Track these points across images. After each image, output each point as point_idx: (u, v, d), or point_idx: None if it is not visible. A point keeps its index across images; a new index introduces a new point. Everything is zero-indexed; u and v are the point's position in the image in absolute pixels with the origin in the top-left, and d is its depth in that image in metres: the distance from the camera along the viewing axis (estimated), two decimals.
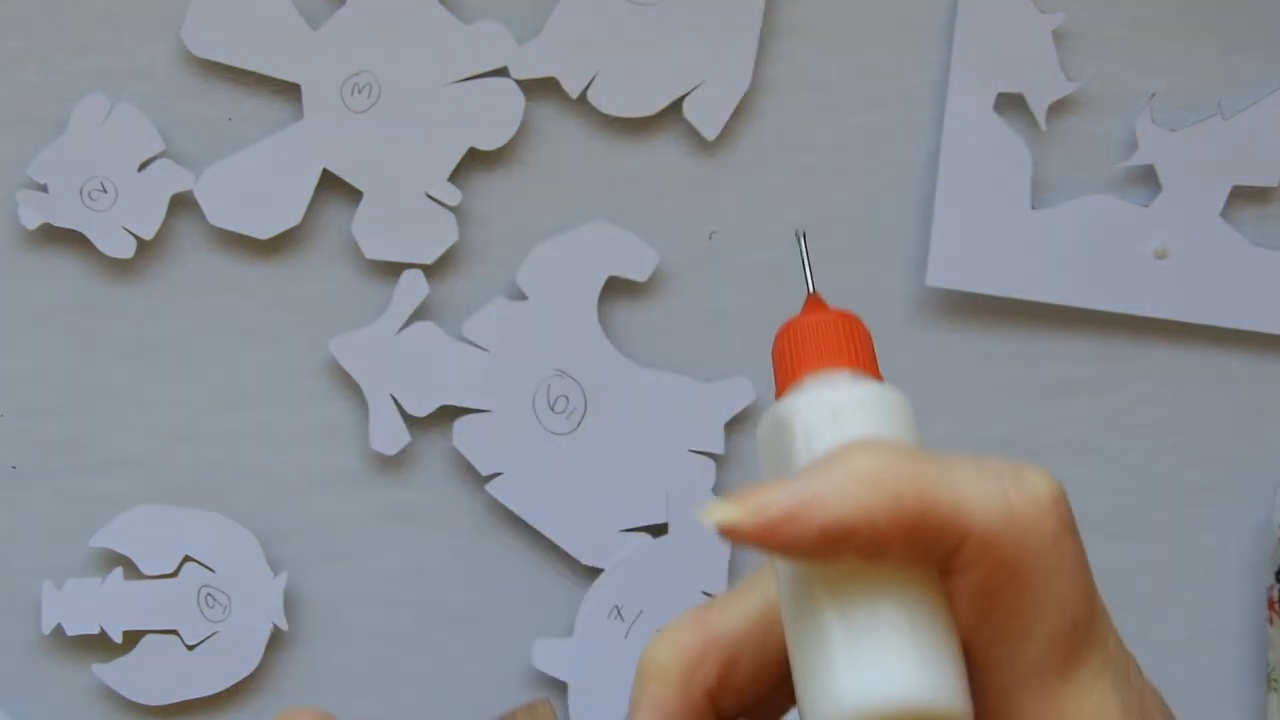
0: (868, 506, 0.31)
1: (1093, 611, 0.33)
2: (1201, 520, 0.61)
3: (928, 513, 0.31)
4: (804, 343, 0.35)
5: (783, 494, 0.31)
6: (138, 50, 0.59)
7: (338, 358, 0.59)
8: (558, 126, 0.59)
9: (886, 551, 0.31)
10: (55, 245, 0.59)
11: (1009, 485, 0.32)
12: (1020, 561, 0.31)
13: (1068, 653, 0.32)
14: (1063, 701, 0.32)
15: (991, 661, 0.32)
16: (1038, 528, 0.32)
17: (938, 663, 0.31)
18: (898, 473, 0.31)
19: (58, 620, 0.58)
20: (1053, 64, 0.59)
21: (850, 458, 0.32)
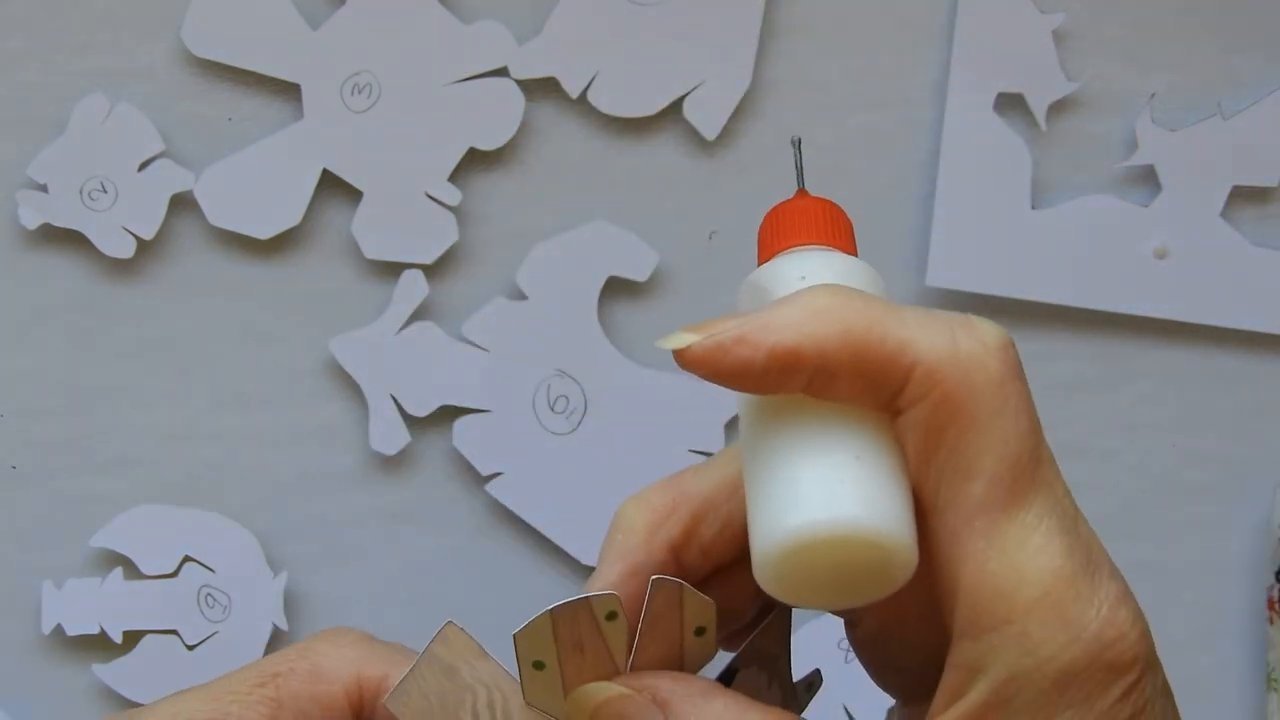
0: (816, 335, 0.32)
1: (1038, 454, 0.33)
2: (1201, 520, 0.61)
3: (874, 345, 0.32)
4: (785, 223, 0.37)
5: (737, 321, 0.33)
6: (138, 50, 0.59)
7: (338, 358, 0.59)
8: (558, 126, 0.59)
9: (835, 381, 0.33)
10: (55, 245, 0.59)
11: (957, 328, 0.33)
12: (965, 397, 0.32)
13: (1012, 491, 0.33)
14: (1006, 539, 0.32)
15: (940, 502, 0.33)
16: (983, 367, 0.33)
17: (883, 496, 0.32)
18: (848, 308, 0.33)
19: (58, 620, 0.58)
20: (1053, 64, 0.59)
21: (806, 295, 0.33)
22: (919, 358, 0.32)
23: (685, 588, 0.36)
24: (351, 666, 0.38)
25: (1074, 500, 0.34)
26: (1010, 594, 0.32)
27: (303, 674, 0.38)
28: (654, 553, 0.37)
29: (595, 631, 0.36)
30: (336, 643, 0.39)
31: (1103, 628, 0.32)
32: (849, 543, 0.32)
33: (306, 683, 0.38)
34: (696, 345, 0.33)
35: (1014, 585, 0.32)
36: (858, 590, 0.33)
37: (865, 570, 0.32)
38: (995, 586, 0.32)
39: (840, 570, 0.32)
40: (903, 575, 0.33)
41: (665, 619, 0.36)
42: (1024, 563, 0.32)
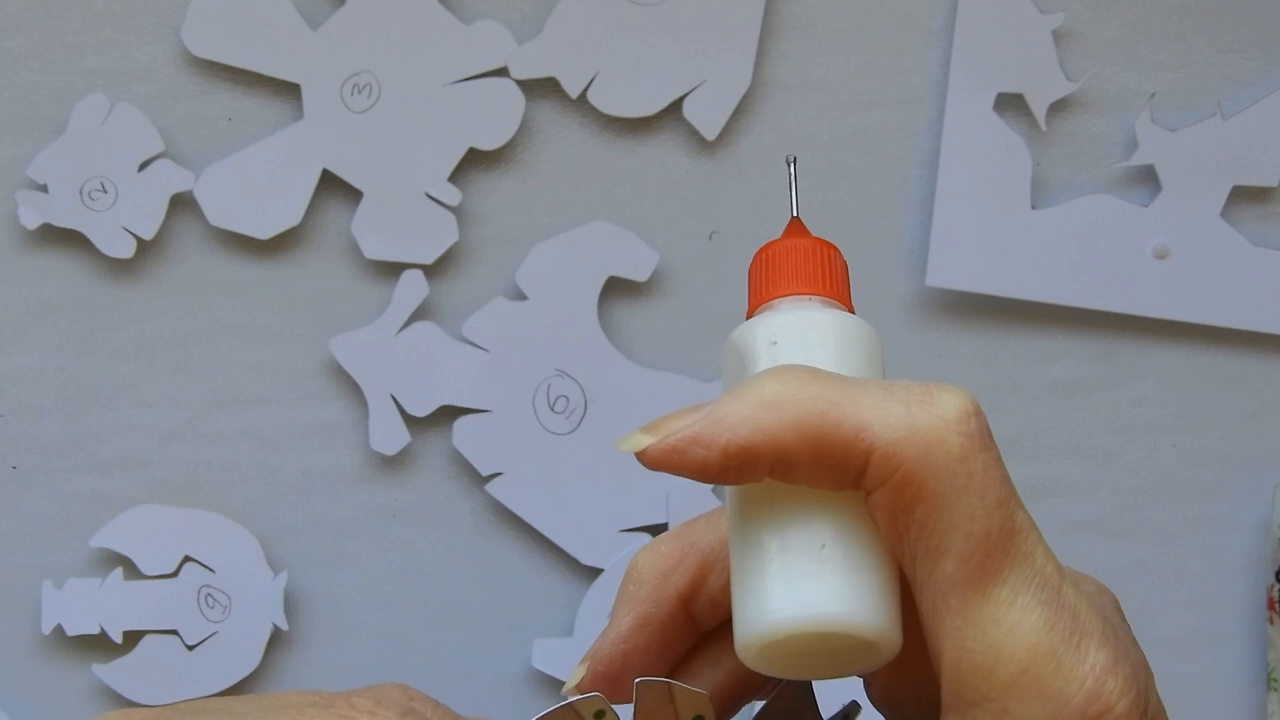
0: (769, 429, 0.32)
1: (1010, 526, 0.32)
2: (1201, 520, 0.61)
3: (829, 432, 0.32)
4: (776, 266, 0.36)
5: (690, 419, 0.33)
6: (138, 51, 0.59)
7: (338, 358, 0.59)
8: (558, 126, 0.59)
9: (795, 472, 0.32)
10: (55, 245, 0.59)
11: (915, 403, 0.32)
12: (925, 477, 0.32)
13: (984, 567, 0.32)
14: (981, 616, 0.32)
15: (917, 581, 0.33)
16: (942, 443, 0.32)
17: (853, 582, 0.32)
18: (800, 395, 0.32)
19: (58, 620, 0.58)
20: (1053, 64, 0.59)
21: (758, 383, 0.33)
22: (875, 442, 0.32)
23: (673, 685, 0.36)
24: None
25: (1058, 565, 0.33)
26: (989, 671, 0.32)
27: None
28: (663, 603, 0.37)
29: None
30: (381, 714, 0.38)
31: (1087, 701, 0.32)
32: (826, 634, 0.32)
33: None
34: (653, 448, 0.33)
35: (992, 662, 0.32)
36: (847, 667, 0.33)
37: (850, 654, 0.33)
38: (974, 664, 0.32)
39: (825, 654, 0.33)
40: (887, 653, 0.33)
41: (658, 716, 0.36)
42: (1000, 639, 0.32)
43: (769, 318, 0.35)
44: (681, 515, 0.59)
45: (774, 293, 0.36)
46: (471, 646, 0.60)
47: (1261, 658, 0.61)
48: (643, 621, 0.37)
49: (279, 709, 0.38)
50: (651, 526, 0.59)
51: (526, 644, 0.60)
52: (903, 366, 0.59)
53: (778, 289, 0.36)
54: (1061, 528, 0.60)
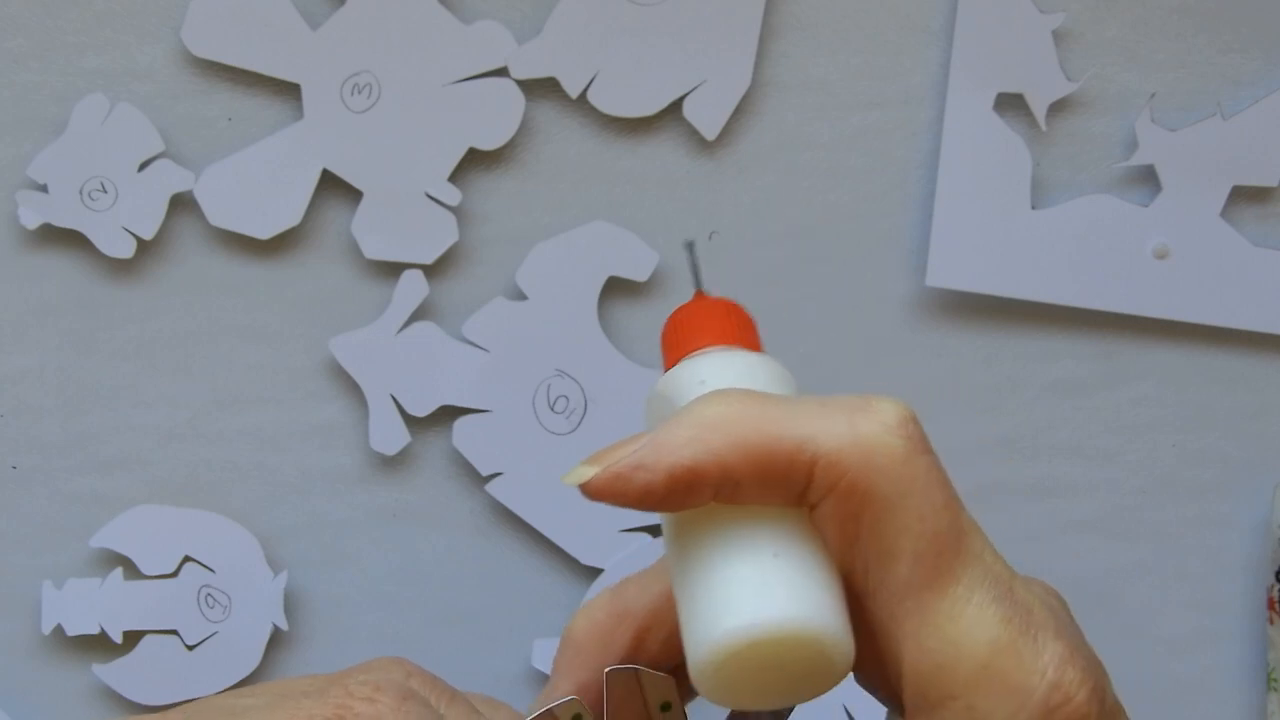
0: (712, 448, 0.32)
1: (958, 527, 0.33)
2: (1201, 520, 0.61)
3: (770, 447, 0.32)
4: (685, 327, 0.37)
5: (632, 447, 0.33)
6: (138, 50, 0.59)
7: (338, 358, 0.59)
8: (558, 126, 0.59)
9: (740, 491, 0.33)
10: (55, 245, 0.59)
11: (854, 412, 0.33)
12: (871, 482, 0.32)
13: (937, 567, 0.33)
14: (939, 615, 0.32)
15: (869, 588, 0.33)
16: (885, 448, 0.32)
17: (808, 591, 0.32)
18: (742, 414, 0.33)
19: (58, 620, 0.58)
20: (1053, 64, 0.59)
21: (697, 407, 0.33)
22: (818, 452, 0.32)
23: (640, 671, 0.36)
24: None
25: (1006, 564, 0.34)
26: (951, 669, 0.32)
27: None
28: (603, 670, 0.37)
29: None
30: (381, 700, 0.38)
31: (1049, 692, 0.32)
32: (779, 642, 0.32)
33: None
34: (595, 479, 0.33)
35: (954, 660, 0.32)
36: (801, 687, 0.33)
37: (803, 666, 0.32)
38: (935, 664, 0.32)
39: (778, 670, 0.32)
40: (842, 667, 0.33)
41: (628, 706, 0.36)
42: (960, 637, 0.32)
43: (692, 362, 0.36)
44: None
45: (690, 348, 0.37)
46: (471, 646, 0.60)
47: (1261, 658, 0.61)
48: (583, 687, 0.37)
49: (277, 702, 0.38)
50: (651, 527, 0.59)
51: (526, 644, 0.60)
52: (902, 366, 0.59)
53: (693, 344, 0.37)
54: (1061, 528, 0.61)
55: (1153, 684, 0.61)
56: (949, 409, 0.60)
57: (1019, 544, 0.60)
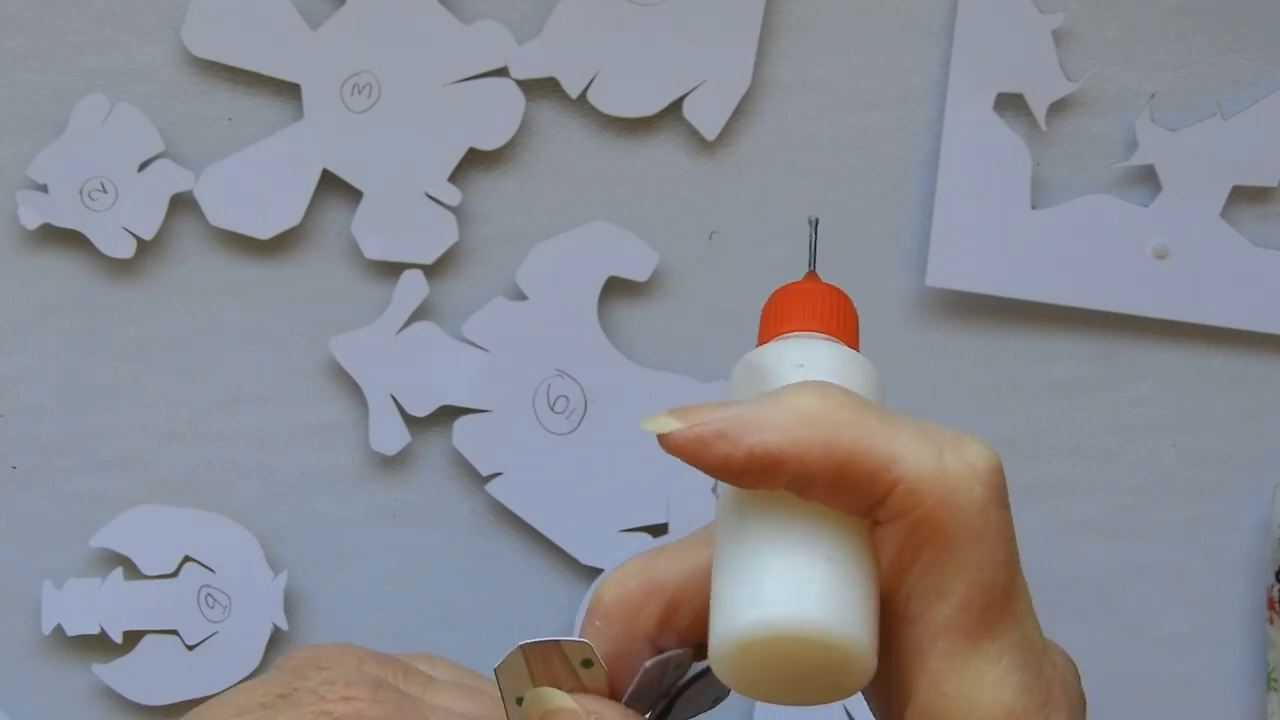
0: (799, 441, 0.32)
1: (1013, 587, 0.33)
2: (1202, 520, 0.61)
3: (858, 458, 0.32)
4: (792, 305, 0.37)
5: (722, 413, 0.33)
6: (138, 50, 0.59)
7: (338, 358, 0.59)
8: (558, 126, 0.59)
9: (812, 488, 0.32)
10: (55, 245, 0.59)
11: (946, 447, 0.33)
12: (946, 520, 0.32)
13: (981, 619, 0.32)
14: (966, 666, 0.32)
15: (908, 616, 0.33)
16: (968, 491, 0.32)
17: (849, 601, 0.32)
18: (836, 416, 0.32)
19: (58, 620, 0.58)
20: (1053, 64, 0.59)
21: (796, 394, 0.33)
22: (902, 476, 0.32)
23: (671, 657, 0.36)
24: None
25: (1043, 635, 0.34)
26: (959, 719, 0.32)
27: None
28: (631, 642, 0.37)
29: (572, 675, 0.36)
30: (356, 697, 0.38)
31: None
32: (808, 643, 0.32)
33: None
34: (678, 434, 0.33)
35: (965, 713, 0.32)
36: (812, 690, 0.33)
37: (821, 672, 0.32)
38: (946, 710, 0.32)
39: (796, 669, 0.32)
40: (859, 682, 0.32)
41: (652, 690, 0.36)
42: (978, 693, 0.32)
43: (795, 342, 0.36)
44: (681, 517, 0.59)
45: (792, 326, 0.36)
46: (471, 646, 0.60)
47: (1261, 658, 0.61)
48: (609, 660, 0.37)
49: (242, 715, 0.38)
50: (652, 527, 0.59)
51: None
52: (903, 367, 0.59)
53: (796, 324, 0.36)
54: (1061, 528, 0.61)
55: (1153, 684, 0.61)
56: (949, 409, 0.60)
57: (1019, 544, 0.59)
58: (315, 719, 0.38)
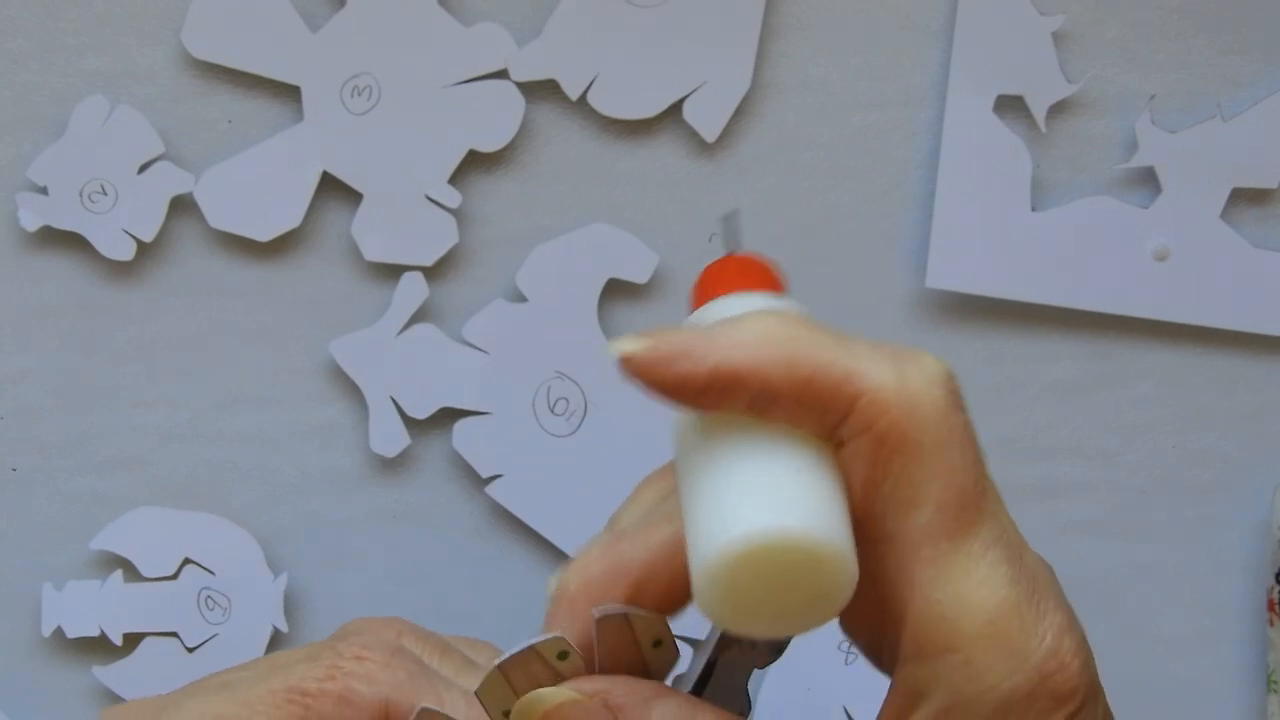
0: (761, 357, 0.32)
1: (982, 485, 0.33)
2: (1201, 521, 0.61)
3: (820, 372, 0.32)
4: (720, 276, 0.37)
5: (685, 334, 0.33)
6: (138, 53, 0.59)
7: (337, 360, 0.59)
8: (558, 128, 0.59)
9: (775, 405, 0.33)
10: (55, 247, 0.59)
11: (902, 360, 0.33)
12: (911, 428, 0.33)
13: (958, 520, 0.33)
14: (952, 568, 0.33)
15: (885, 533, 0.33)
16: (929, 397, 0.33)
17: (825, 508, 0.32)
18: (797, 334, 0.33)
19: (58, 622, 0.58)
20: (1052, 65, 0.59)
21: (756, 318, 0.33)
22: (864, 388, 0.32)
23: (630, 613, 0.36)
24: (381, 693, 0.38)
25: (1018, 530, 0.34)
26: (955, 621, 0.32)
27: (333, 697, 0.38)
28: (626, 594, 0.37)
29: (551, 673, 0.36)
30: (369, 658, 0.39)
31: (1045, 658, 0.33)
32: (791, 551, 0.31)
33: (335, 706, 0.38)
34: (641, 353, 0.33)
35: (959, 613, 0.32)
36: (798, 612, 0.33)
37: (806, 585, 0.32)
38: (941, 614, 0.33)
39: (781, 588, 0.32)
40: (844, 593, 0.32)
41: (620, 648, 0.36)
42: (969, 592, 0.33)
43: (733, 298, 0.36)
44: None
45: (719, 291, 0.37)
46: None
47: (1261, 659, 0.61)
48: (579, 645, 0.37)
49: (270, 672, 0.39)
50: None
51: None
52: None
53: (729, 288, 0.37)
54: (1061, 528, 0.61)
55: (1153, 684, 0.61)
56: None
57: None
58: (326, 671, 0.38)
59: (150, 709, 0.39)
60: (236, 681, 0.39)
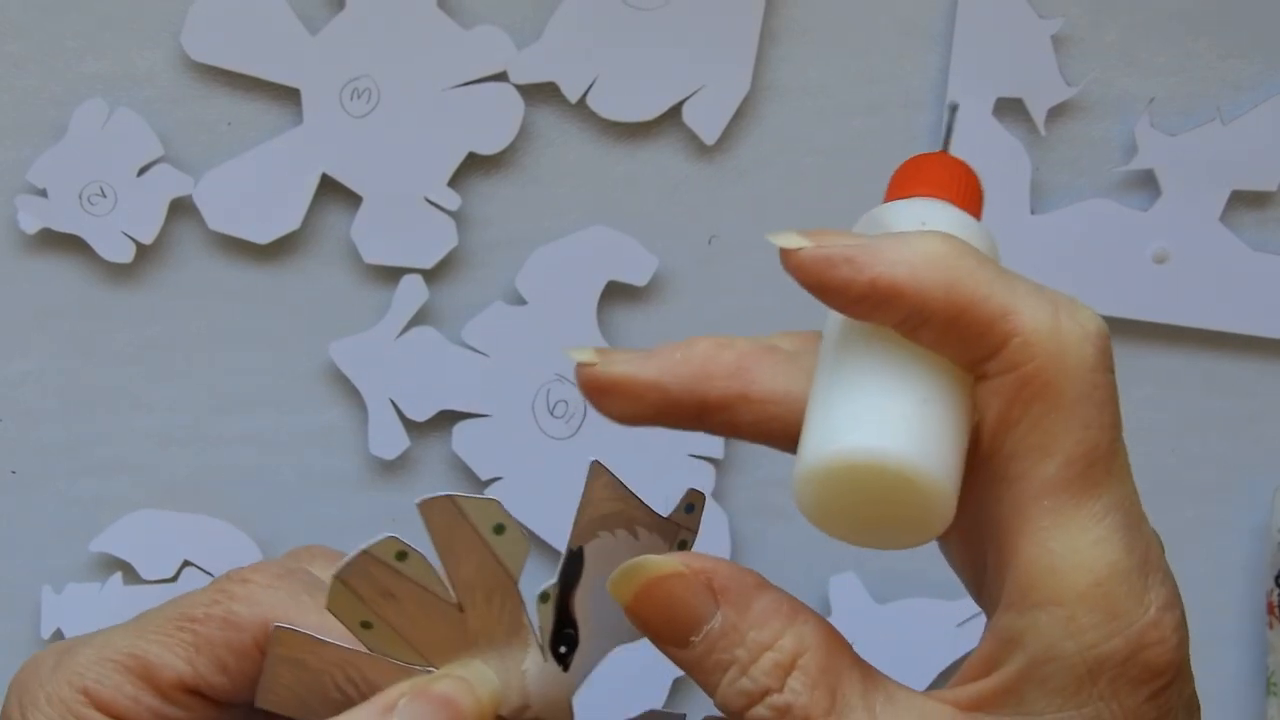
0: (922, 278, 0.32)
1: (1115, 447, 0.34)
2: (1201, 524, 0.61)
3: (977, 304, 0.32)
4: (920, 172, 0.37)
5: (852, 241, 0.33)
6: (137, 55, 0.59)
7: (337, 362, 0.59)
8: (557, 131, 0.60)
9: (926, 328, 0.33)
10: (55, 250, 0.59)
11: (1061, 307, 0.33)
12: (1056, 376, 0.33)
13: (1086, 476, 0.33)
14: (1071, 522, 0.33)
15: (1010, 473, 0.33)
16: (1079, 350, 0.33)
17: (940, 445, 0.32)
18: (960, 262, 0.33)
19: (57, 625, 0.58)
20: (1052, 68, 0.59)
21: (925, 238, 0.33)
22: (1018, 327, 0.33)
23: (456, 498, 0.36)
24: (262, 614, 0.39)
25: (1140, 502, 0.34)
26: (1065, 575, 0.32)
27: (218, 620, 0.39)
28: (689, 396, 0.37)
29: (395, 575, 0.36)
30: (258, 582, 0.39)
31: (1146, 628, 0.33)
32: (891, 476, 0.32)
33: (220, 629, 0.39)
34: (805, 252, 0.33)
35: (1070, 568, 0.32)
36: (887, 532, 0.33)
37: (899, 511, 0.32)
38: (1051, 565, 0.32)
39: (875, 506, 0.32)
40: (935, 528, 0.33)
41: (457, 534, 0.36)
42: (1084, 549, 0.32)
43: (921, 203, 0.36)
44: None
45: (918, 190, 0.36)
46: None
47: (1261, 662, 0.61)
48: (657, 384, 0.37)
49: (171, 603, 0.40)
50: None
51: None
52: None
53: (925, 189, 0.36)
54: None
55: None
56: None
57: None
58: (212, 596, 0.39)
59: (66, 644, 0.40)
60: (142, 615, 0.41)
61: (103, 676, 0.39)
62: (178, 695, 0.39)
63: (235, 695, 0.40)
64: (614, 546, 0.36)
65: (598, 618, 0.36)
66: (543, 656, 0.37)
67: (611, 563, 0.35)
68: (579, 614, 0.36)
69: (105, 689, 0.39)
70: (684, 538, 0.35)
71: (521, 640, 0.36)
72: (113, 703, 0.39)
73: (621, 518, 0.36)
